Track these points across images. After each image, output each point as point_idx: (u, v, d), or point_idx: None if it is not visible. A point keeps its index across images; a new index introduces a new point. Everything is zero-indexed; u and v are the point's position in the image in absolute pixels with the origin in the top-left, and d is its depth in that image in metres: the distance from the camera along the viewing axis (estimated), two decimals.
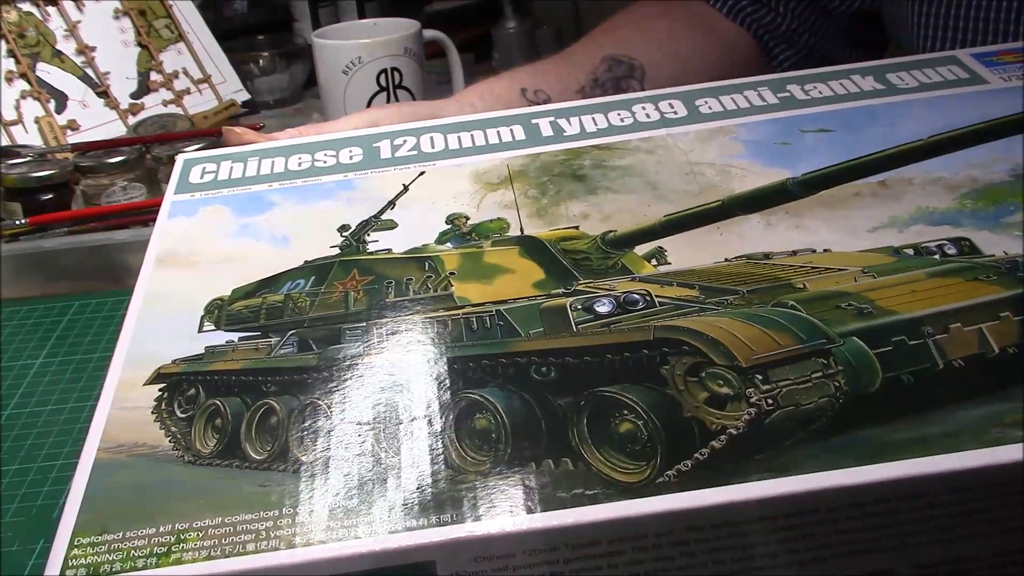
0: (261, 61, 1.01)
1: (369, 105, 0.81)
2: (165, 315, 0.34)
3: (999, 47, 0.45)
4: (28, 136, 0.85)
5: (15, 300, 0.64)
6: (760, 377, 0.27)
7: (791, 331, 0.29)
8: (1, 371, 0.56)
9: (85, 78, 0.90)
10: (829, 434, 0.27)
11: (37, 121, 0.86)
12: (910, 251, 0.33)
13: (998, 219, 0.33)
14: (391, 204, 0.39)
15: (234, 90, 0.95)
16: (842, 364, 0.28)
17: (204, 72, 0.95)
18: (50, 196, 0.72)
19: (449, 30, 0.91)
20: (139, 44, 0.93)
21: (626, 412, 0.28)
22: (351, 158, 0.42)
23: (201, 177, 0.43)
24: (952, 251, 0.33)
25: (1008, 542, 0.27)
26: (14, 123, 0.85)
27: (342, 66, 0.80)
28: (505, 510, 0.26)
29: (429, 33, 0.87)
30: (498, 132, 0.43)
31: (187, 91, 0.93)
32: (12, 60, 0.87)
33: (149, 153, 0.77)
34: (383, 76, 0.81)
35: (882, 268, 0.32)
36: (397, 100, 0.82)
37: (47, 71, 0.88)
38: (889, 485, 0.25)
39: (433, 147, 0.42)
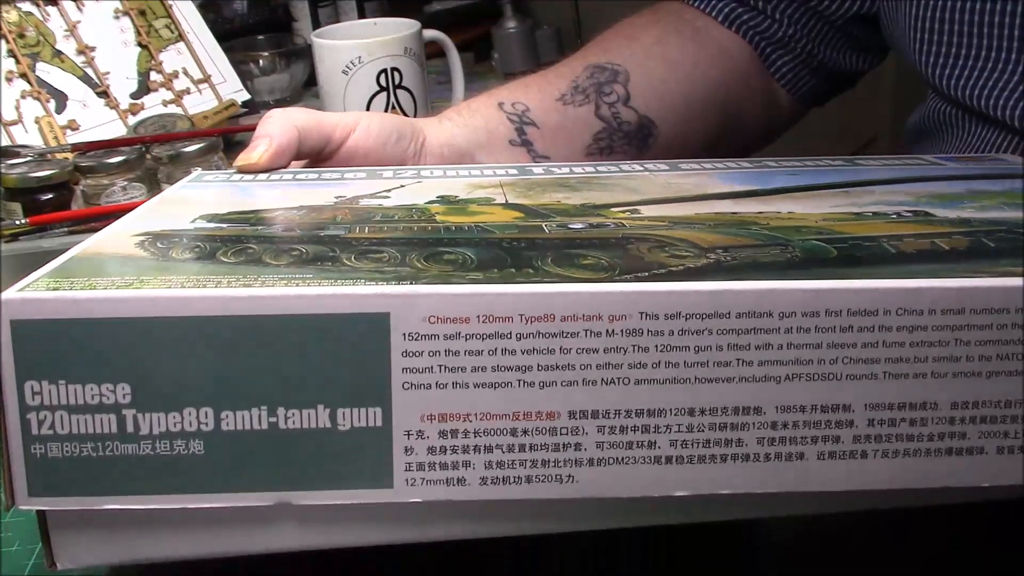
0: (261, 61, 1.01)
1: (369, 106, 0.81)
2: (158, 216, 0.36)
3: (960, 155, 0.52)
4: (28, 136, 0.85)
5: None
6: (722, 248, 0.30)
7: (752, 236, 0.32)
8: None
9: (85, 78, 0.90)
10: (785, 269, 0.29)
11: (37, 121, 0.86)
12: (870, 214, 0.36)
13: (953, 206, 0.37)
14: (387, 191, 0.41)
15: (234, 90, 0.96)
16: (799, 250, 0.30)
17: (204, 72, 0.95)
18: (50, 196, 0.72)
19: (449, 30, 0.91)
20: (139, 44, 0.93)
21: (591, 255, 0.29)
22: (354, 176, 0.46)
23: (213, 179, 0.46)
24: (908, 215, 0.35)
25: (963, 391, 0.28)
26: (14, 123, 0.85)
27: (342, 66, 0.81)
28: (463, 282, 0.27)
29: (429, 33, 0.87)
30: (494, 170, 0.46)
31: (187, 91, 0.93)
32: (12, 60, 0.87)
33: (149, 153, 0.77)
34: (383, 76, 0.81)
35: (842, 218, 0.35)
36: (397, 100, 0.82)
37: (47, 71, 0.88)
38: (839, 294, 0.27)
39: (432, 174, 0.45)
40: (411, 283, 0.26)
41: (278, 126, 0.49)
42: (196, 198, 0.40)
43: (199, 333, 0.25)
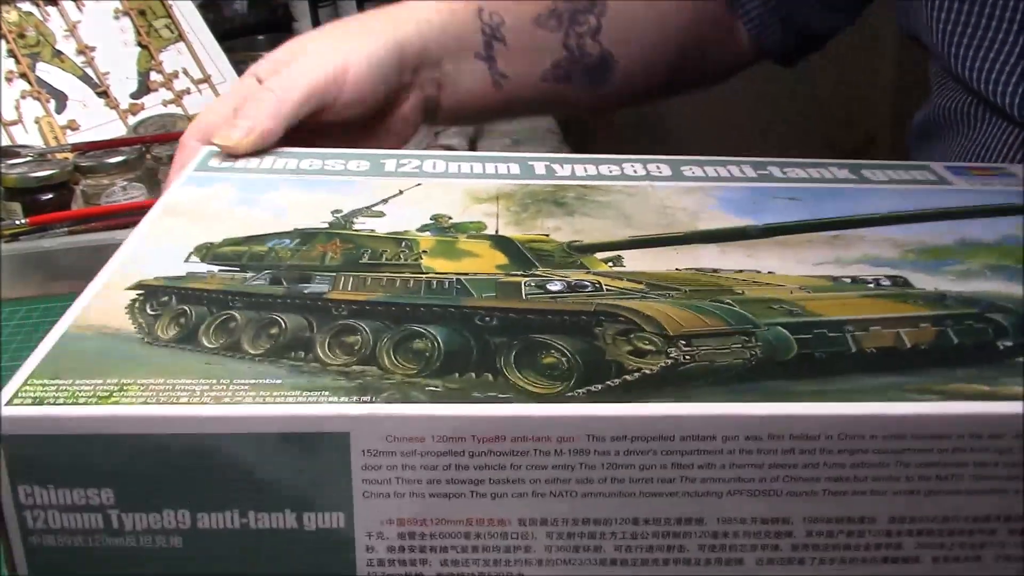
0: None
1: None
2: (156, 249, 0.38)
3: (971, 164, 0.51)
4: (28, 136, 0.85)
5: (15, 300, 0.64)
6: (683, 342, 0.31)
7: (721, 317, 0.32)
8: (1, 371, 0.56)
9: (85, 78, 0.90)
10: (737, 381, 0.29)
11: (37, 121, 0.86)
12: (848, 280, 0.36)
13: (937, 268, 0.37)
14: (384, 201, 0.43)
15: None
16: (761, 341, 0.31)
17: (204, 72, 0.95)
18: (50, 196, 0.72)
19: None
20: (139, 44, 0.93)
21: (553, 351, 0.31)
22: (358, 167, 0.47)
23: (220, 163, 0.47)
24: (886, 283, 0.36)
25: (902, 508, 0.28)
26: (14, 123, 0.85)
27: None
28: (422, 399, 0.28)
29: None
30: (496, 166, 0.47)
31: (187, 91, 0.93)
32: (12, 60, 0.87)
33: (149, 153, 0.77)
34: None
35: (818, 287, 0.36)
36: None
37: (47, 71, 0.88)
38: (782, 420, 0.28)
39: (434, 169, 0.46)
40: (372, 399, 0.28)
41: (264, 114, 0.49)
42: (199, 206, 0.41)
43: (173, 447, 0.28)
